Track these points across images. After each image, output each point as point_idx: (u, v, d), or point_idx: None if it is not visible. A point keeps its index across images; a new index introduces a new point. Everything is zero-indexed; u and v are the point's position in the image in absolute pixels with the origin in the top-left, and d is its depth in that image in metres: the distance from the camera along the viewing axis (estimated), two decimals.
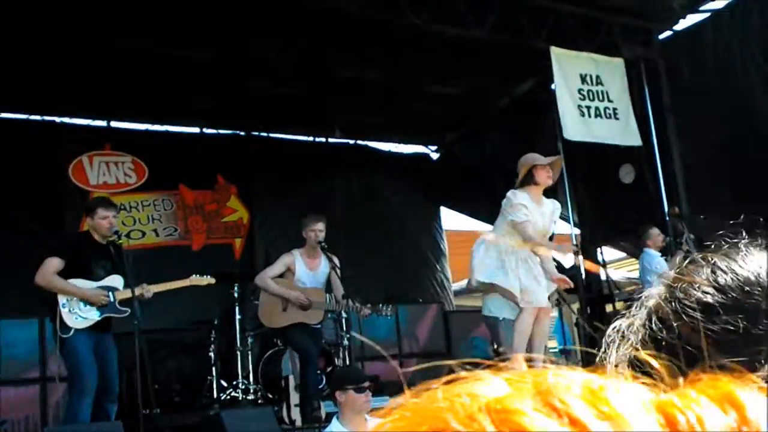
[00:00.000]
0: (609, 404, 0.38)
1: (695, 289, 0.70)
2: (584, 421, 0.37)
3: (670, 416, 0.38)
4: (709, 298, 0.69)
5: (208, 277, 6.84)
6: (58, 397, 7.80)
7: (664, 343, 0.70)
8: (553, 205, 6.65)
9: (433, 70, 10.06)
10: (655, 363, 0.47)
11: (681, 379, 0.44)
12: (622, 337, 0.75)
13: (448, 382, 0.43)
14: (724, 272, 0.70)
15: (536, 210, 6.42)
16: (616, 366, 0.74)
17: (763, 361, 0.64)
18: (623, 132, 9.08)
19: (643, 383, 0.43)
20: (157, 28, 8.41)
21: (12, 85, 9.42)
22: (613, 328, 0.77)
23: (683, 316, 0.69)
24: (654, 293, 0.75)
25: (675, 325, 0.69)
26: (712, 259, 0.72)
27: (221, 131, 11.54)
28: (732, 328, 0.66)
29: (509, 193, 6.44)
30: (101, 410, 6.09)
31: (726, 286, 0.69)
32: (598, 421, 0.37)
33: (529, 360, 0.48)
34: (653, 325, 0.71)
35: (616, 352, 0.75)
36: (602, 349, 0.78)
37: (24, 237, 9.48)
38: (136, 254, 6.60)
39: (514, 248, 6.23)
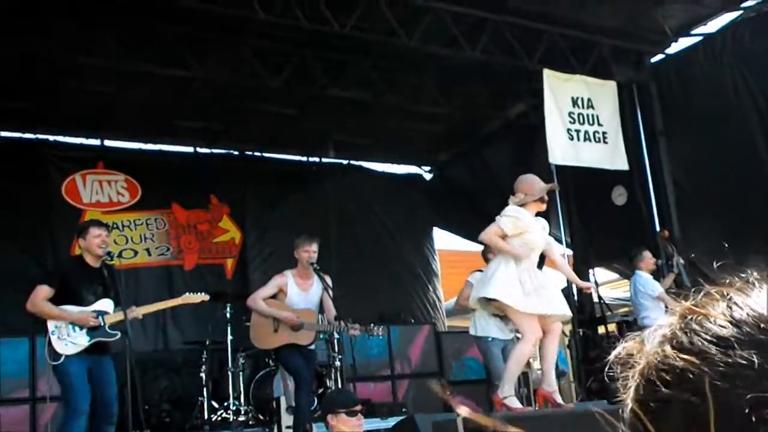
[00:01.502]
0: None
1: (711, 322, 0.70)
2: None
3: None
4: (725, 332, 0.69)
5: (202, 294, 6.81)
6: (48, 417, 7.74)
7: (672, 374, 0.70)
8: (543, 222, 6.67)
9: (426, 90, 10.10)
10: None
11: None
12: (628, 364, 0.75)
13: None
14: (740, 307, 0.71)
15: (535, 226, 6.42)
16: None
17: None
18: (611, 156, 9.11)
19: None
20: (152, 49, 8.43)
21: (4, 104, 9.43)
22: (620, 355, 0.77)
23: (693, 349, 0.69)
24: (666, 322, 0.75)
25: (680, 363, 0.69)
26: (727, 294, 0.73)
27: (215, 151, 11.54)
28: (746, 362, 0.66)
29: (509, 209, 6.40)
30: None
31: (741, 321, 0.69)
32: None
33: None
34: (666, 352, 0.71)
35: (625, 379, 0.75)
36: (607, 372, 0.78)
37: (17, 255, 9.46)
38: (127, 273, 6.57)
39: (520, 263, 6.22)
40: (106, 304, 6.27)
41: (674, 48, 9.82)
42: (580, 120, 8.96)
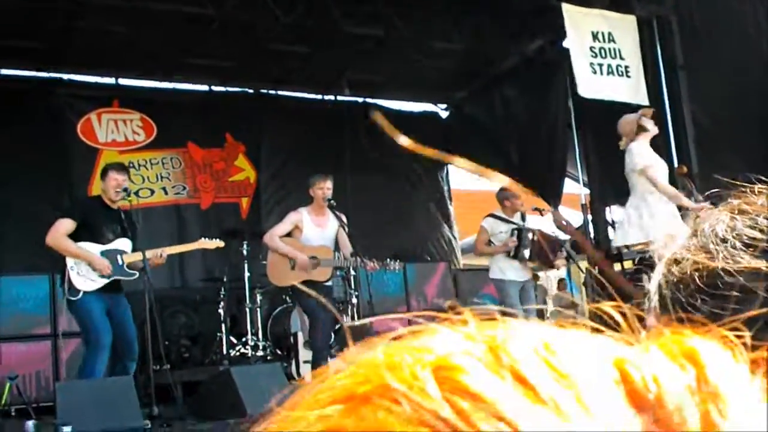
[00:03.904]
0: (561, 360, 0.36)
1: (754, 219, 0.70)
2: (530, 379, 0.35)
3: (625, 373, 0.37)
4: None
5: (217, 240, 6.90)
6: (69, 352, 7.88)
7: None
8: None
9: (442, 26, 9.95)
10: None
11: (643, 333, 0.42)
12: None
13: (399, 337, 0.41)
14: None
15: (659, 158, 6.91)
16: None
17: None
18: (635, 90, 8.99)
19: (610, 335, 0.42)
20: None
21: (18, 42, 9.39)
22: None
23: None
24: (724, 219, 0.75)
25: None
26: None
27: (230, 89, 11.48)
28: None
29: (632, 146, 6.89)
30: (123, 369, 6.22)
31: None
32: (546, 377, 0.35)
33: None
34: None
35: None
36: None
37: (33, 194, 9.51)
38: (144, 212, 6.62)
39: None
40: (124, 243, 6.35)
41: None
42: (602, 54, 8.82)
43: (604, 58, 8.83)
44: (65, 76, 10.33)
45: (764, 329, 0.59)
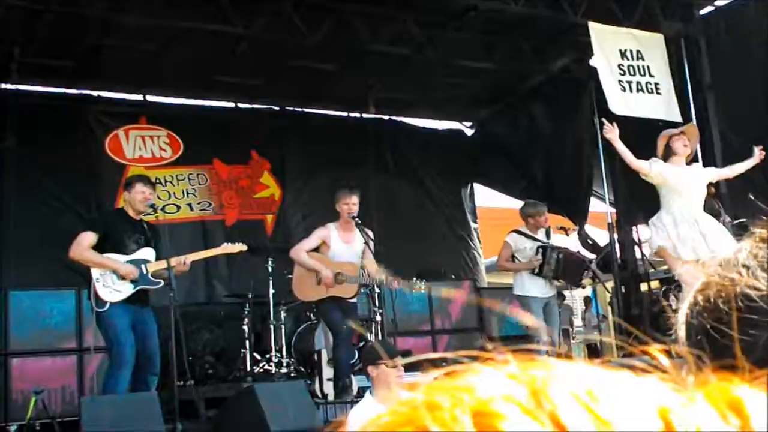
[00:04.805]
0: (603, 406, 0.36)
1: None
2: (569, 427, 0.35)
3: (669, 424, 0.36)
4: None
5: (240, 244, 6.89)
6: (94, 367, 7.92)
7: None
8: (699, 168, 7.28)
9: (468, 45, 9.97)
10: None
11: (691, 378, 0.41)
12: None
13: (445, 375, 0.41)
14: None
15: (681, 172, 6.89)
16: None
17: None
18: (666, 107, 8.92)
19: (662, 378, 0.41)
20: (193, 6, 8.42)
21: (49, 60, 9.53)
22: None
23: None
24: (747, 247, 0.73)
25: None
26: None
27: (256, 106, 11.56)
28: None
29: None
30: (143, 383, 6.21)
31: None
32: (587, 425, 0.35)
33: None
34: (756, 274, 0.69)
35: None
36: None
37: (61, 210, 9.63)
38: (170, 228, 6.66)
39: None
40: (148, 253, 6.37)
41: (724, 0, 9.55)
42: (631, 71, 8.78)
43: (633, 76, 8.79)
44: (94, 93, 10.46)
45: None
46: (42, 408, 7.16)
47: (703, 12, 9.68)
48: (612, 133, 6.92)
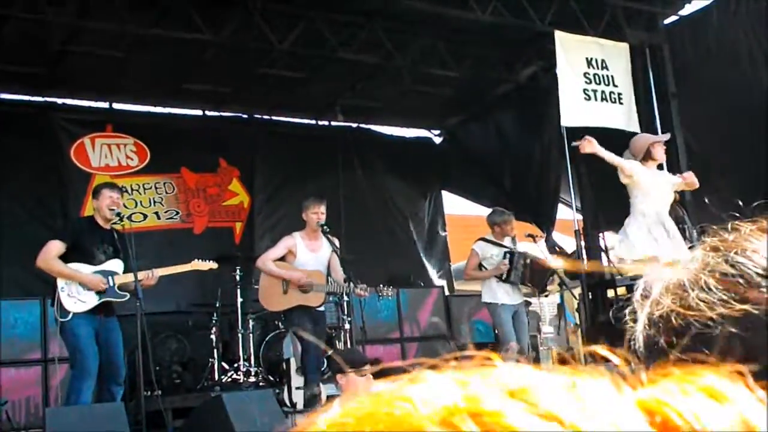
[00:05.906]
0: (591, 403, 0.36)
1: (753, 255, 0.69)
2: (571, 421, 0.35)
3: (659, 414, 0.36)
4: None
5: (211, 262, 6.86)
6: (59, 378, 7.82)
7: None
8: (669, 175, 7.38)
9: (436, 53, 10.01)
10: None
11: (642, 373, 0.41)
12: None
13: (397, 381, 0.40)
14: None
15: (656, 176, 7.04)
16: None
17: None
18: (627, 117, 9.04)
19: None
20: (159, 13, 8.37)
21: (13, 66, 9.41)
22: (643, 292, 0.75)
23: (741, 280, 0.67)
24: (697, 256, 0.73)
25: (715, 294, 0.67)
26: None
27: (224, 114, 11.50)
28: None
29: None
30: (107, 394, 6.15)
31: None
32: (586, 420, 0.35)
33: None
34: (708, 283, 0.69)
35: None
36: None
37: (26, 218, 9.49)
38: (136, 237, 6.59)
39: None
40: (115, 265, 6.32)
41: (688, 9, 9.71)
42: (596, 80, 8.88)
43: (598, 85, 8.89)
44: (59, 100, 10.32)
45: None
46: (6, 419, 7.06)
47: (667, 21, 9.82)
48: (590, 146, 6.95)
